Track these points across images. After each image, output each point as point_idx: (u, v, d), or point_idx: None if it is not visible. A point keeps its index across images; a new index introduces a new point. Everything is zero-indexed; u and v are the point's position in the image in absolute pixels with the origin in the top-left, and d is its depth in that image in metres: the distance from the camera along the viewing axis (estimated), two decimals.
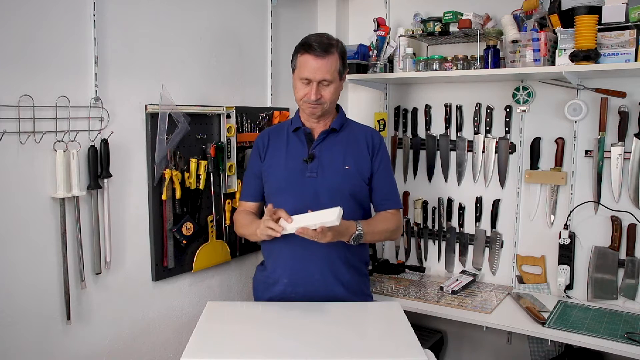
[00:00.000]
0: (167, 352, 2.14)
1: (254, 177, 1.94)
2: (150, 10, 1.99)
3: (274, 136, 1.93)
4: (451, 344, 2.75)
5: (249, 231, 1.86)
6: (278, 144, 1.90)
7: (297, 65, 1.81)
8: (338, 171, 1.83)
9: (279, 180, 1.86)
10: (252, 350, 1.42)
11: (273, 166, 1.88)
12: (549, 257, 2.39)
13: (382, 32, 2.52)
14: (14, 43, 1.60)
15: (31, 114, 1.64)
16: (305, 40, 1.79)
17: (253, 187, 1.95)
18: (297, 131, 1.88)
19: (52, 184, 1.72)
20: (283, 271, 1.83)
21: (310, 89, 1.77)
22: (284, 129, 1.94)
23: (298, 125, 1.88)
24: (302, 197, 1.79)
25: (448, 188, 2.64)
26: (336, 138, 1.87)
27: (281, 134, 1.92)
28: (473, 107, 2.53)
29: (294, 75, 1.84)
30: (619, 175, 2.20)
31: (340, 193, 1.82)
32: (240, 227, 1.94)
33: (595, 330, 1.96)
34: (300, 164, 1.83)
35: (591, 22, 1.97)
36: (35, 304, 1.70)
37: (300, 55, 1.79)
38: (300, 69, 1.79)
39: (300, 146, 1.86)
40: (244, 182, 2.01)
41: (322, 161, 1.83)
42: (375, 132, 1.97)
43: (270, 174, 1.89)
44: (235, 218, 1.98)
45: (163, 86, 2.01)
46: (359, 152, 1.88)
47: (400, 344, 1.47)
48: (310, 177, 1.81)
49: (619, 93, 2.19)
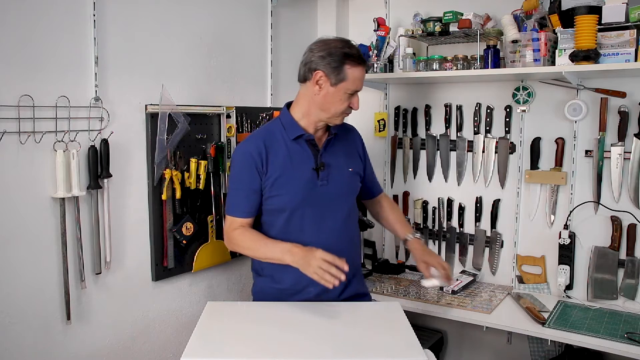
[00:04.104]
0: (167, 352, 2.14)
1: (252, 192, 1.76)
2: (150, 10, 1.99)
3: (270, 146, 1.76)
4: (451, 344, 2.75)
5: (262, 252, 1.74)
6: (279, 154, 1.76)
7: (347, 77, 1.69)
8: (344, 175, 1.84)
9: (296, 193, 1.75)
10: (252, 350, 1.42)
11: (283, 180, 1.74)
12: (549, 257, 2.39)
13: (382, 32, 2.52)
14: (14, 43, 1.60)
15: (31, 114, 1.65)
16: (349, 51, 1.70)
17: (250, 202, 1.77)
18: (297, 139, 1.77)
19: (52, 184, 1.72)
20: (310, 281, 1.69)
21: (354, 100, 1.75)
22: (277, 137, 1.78)
23: (300, 133, 1.77)
24: (319, 206, 1.77)
25: (448, 188, 2.64)
26: (336, 142, 1.85)
27: (278, 143, 1.77)
28: (473, 107, 2.53)
29: (335, 87, 1.70)
30: (619, 175, 2.20)
31: (350, 196, 1.88)
32: (244, 246, 1.78)
33: (595, 330, 1.96)
34: (310, 173, 1.76)
35: (591, 22, 1.97)
36: (35, 304, 1.70)
37: (349, 67, 1.69)
38: (352, 81, 1.70)
39: (305, 155, 1.78)
40: (236, 196, 1.79)
41: (331, 168, 1.80)
42: (354, 128, 2.00)
43: (281, 188, 1.75)
44: (233, 236, 1.77)
45: (163, 86, 2.01)
46: (355, 152, 1.93)
47: (400, 344, 1.47)
48: (322, 186, 1.78)
49: (619, 93, 2.19)
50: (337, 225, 1.81)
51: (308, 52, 1.74)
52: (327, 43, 1.72)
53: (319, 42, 1.75)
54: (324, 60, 1.69)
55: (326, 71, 1.69)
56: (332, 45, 1.71)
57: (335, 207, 1.81)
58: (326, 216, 1.78)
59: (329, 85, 1.70)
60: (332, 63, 1.68)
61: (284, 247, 1.69)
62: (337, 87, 1.70)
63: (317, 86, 1.71)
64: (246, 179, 1.76)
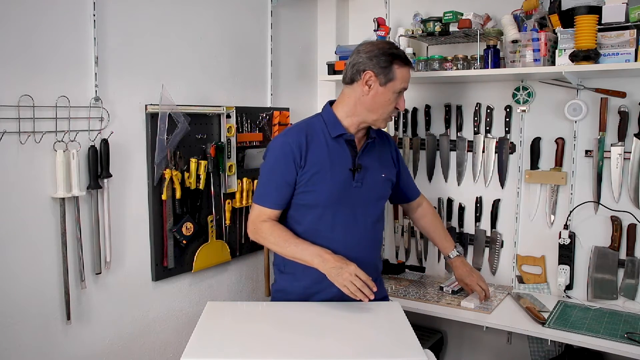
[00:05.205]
0: (167, 352, 2.14)
1: (286, 184, 1.73)
2: (150, 10, 1.99)
3: (312, 140, 1.74)
4: (451, 344, 2.75)
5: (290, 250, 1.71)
6: (319, 150, 1.74)
7: (395, 77, 1.72)
8: (378, 180, 1.85)
9: (332, 191, 1.75)
10: (252, 350, 1.42)
11: (321, 176, 1.73)
12: (549, 257, 2.39)
13: (382, 32, 2.52)
14: (14, 43, 1.60)
15: (31, 114, 1.65)
16: (396, 51, 1.74)
17: (282, 195, 1.75)
18: (338, 138, 1.77)
19: (52, 184, 1.72)
20: None
21: (400, 100, 1.78)
22: (318, 133, 1.77)
23: (341, 132, 1.77)
24: (351, 207, 1.78)
25: (448, 188, 2.64)
26: (373, 147, 1.86)
27: (319, 138, 1.76)
28: (473, 107, 2.53)
29: (385, 87, 1.73)
30: (619, 175, 2.20)
31: (380, 201, 1.90)
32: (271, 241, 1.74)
33: (595, 330, 1.96)
34: (346, 174, 1.77)
35: (591, 22, 1.97)
36: (35, 304, 1.70)
37: (398, 67, 1.72)
38: (401, 80, 1.74)
39: (344, 154, 1.78)
40: (267, 186, 1.76)
41: (366, 171, 1.81)
42: (389, 135, 2.04)
43: (318, 184, 1.73)
44: (261, 228, 1.75)
45: (163, 86, 2.01)
46: (389, 159, 1.96)
47: (400, 344, 1.47)
48: (356, 187, 1.78)
49: (619, 93, 2.19)
50: (367, 229, 1.83)
51: (355, 54, 1.77)
52: (374, 44, 1.77)
53: (366, 44, 1.78)
54: (372, 61, 1.72)
55: (376, 71, 1.72)
56: (379, 47, 1.75)
57: (366, 210, 1.82)
58: (357, 218, 1.79)
59: (378, 85, 1.73)
60: (381, 63, 1.71)
61: (314, 251, 1.68)
62: (386, 87, 1.73)
63: (366, 86, 1.73)
64: (282, 170, 1.73)
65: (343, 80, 1.81)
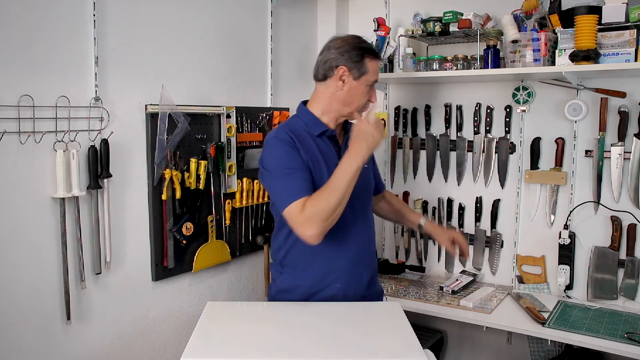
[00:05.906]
0: (167, 352, 2.14)
1: (305, 170, 1.65)
2: (150, 10, 1.99)
3: (299, 139, 1.71)
4: (451, 344, 2.75)
5: (340, 181, 1.59)
6: (309, 147, 1.72)
7: (368, 70, 1.74)
8: (365, 172, 1.81)
9: None
10: (252, 350, 1.42)
11: (318, 173, 1.70)
12: (549, 257, 2.39)
13: (382, 32, 2.52)
14: (14, 43, 1.60)
15: (31, 114, 1.65)
16: (365, 44, 1.77)
17: (308, 181, 1.64)
18: (321, 136, 1.76)
19: (52, 184, 1.72)
20: (338, 276, 1.75)
21: (372, 93, 1.79)
22: (303, 132, 1.74)
23: (324, 129, 1.76)
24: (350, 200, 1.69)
25: (448, 188, 2.64)
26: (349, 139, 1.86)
27: (304, 137, 1.73)
28: (473, 107, 2.53)
29: (358, 81, 1.73)
30: (619, 175, 2.20)
31: (372, 191, 1.92)
32: (327, 200, 1.58)
33: (595, 330, 1.96)
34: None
35: (591, 22, 1.97)
36: (35, 304, 1.70)
37: (369, 61, 1.74)
38: (373, 73, 1.76)
39: (329, 151, 1.77)
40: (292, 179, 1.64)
41: None
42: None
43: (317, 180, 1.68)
44: (309, 209, 1.57)
45: (163, 86, 2.01)
46: None
47: (400, 344, 1.47)
48: None
49: (619, 93, 2.19)
50: (367, 220, 1.85)
51: (325, 51, 1.77)
52: (344, 40, 1.77)
53: (336, 40, 1.78)
54: (344, 56, 1.73)
55: (349, 66, 1.72)
56: (349, 42, 1.75)
57: (362, 202, 1.83)
58: (357, 211, 1.79)
59: (352, 80, 1.74)
60: (353, 57, 1.72)
61: (348, 155, 1.62)
62: (359, 81, 1.74)
63: (340, 82, 1.74)
64: (297, 160, 1.66)
65: (315, 78, 1.80)
